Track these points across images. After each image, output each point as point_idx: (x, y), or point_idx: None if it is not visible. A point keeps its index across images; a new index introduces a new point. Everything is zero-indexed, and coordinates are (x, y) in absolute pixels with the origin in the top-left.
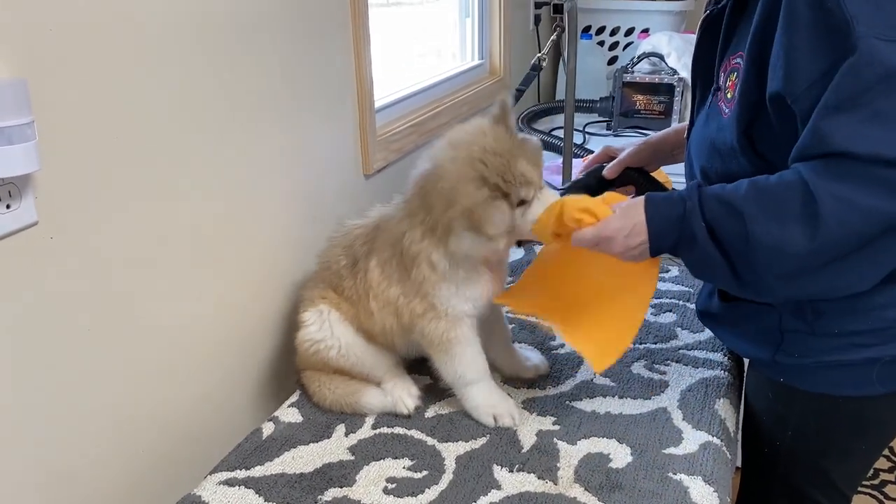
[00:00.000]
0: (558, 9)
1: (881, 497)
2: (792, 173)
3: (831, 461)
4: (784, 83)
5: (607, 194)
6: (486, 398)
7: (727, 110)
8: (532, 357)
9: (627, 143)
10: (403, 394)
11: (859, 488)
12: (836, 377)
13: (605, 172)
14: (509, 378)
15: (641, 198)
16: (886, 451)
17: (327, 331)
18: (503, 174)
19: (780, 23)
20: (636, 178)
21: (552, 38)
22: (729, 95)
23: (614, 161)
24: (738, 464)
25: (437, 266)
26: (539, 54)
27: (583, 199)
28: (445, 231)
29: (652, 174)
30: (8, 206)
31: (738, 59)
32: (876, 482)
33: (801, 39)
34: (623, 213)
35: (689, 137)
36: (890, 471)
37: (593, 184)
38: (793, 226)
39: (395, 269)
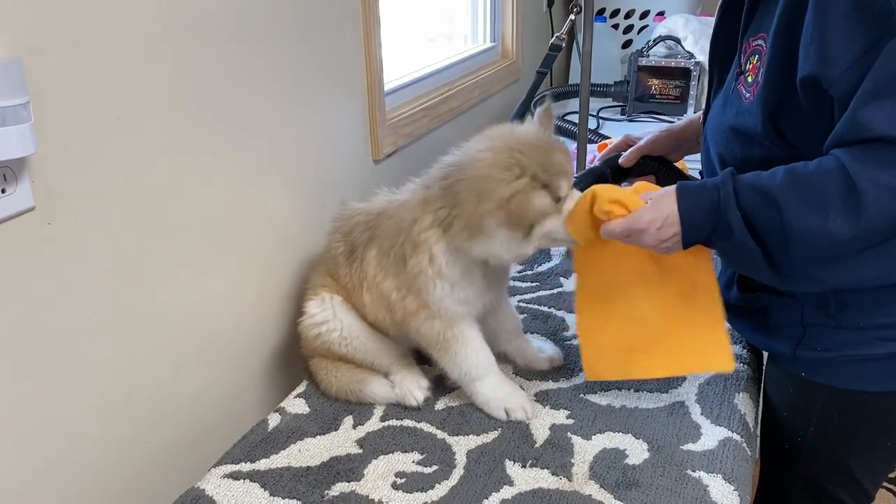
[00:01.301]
0: None
1: None
2: (831, 160)
3: (854, 457)
4: (818, 66)
5: (638, 184)
6: (496, 392)
7: (748, 94)
8: (546, 348)
9: (647, 132)
10: (412, 385)
11: None
12: (860, 372)
13: (621, 161)
14: (522, 370)
15: (673, 187)
16: None
17: (329, 313)
18: (543, 164)
19: (811, 3)
20: (655, 167)
21: (570, 17)
22: (750, 79)
23: (632, 149)
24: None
25: (434, 260)
26: (558, 33)
27: (613, 189)
28: (475, 229)
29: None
30: (3, 191)
31: (760, 41)
32: (892, 475)
33: (837, 21)
34: (655, 204)
35: (705, 123)
36: None
37: (608, 172)
38: (834, 215)
39: (392, 261)
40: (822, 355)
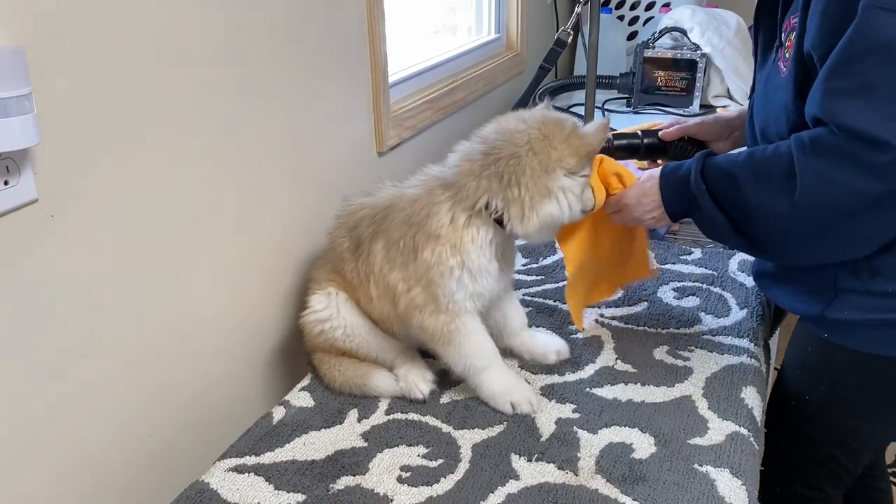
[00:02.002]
0: None
1: None
2: (785, 145)
3: (858, 420)
4: (812, 43)
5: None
6: (501, 384)
7: (785, 69)
8: (552, 342)
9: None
10: (418, 378)
11: None
12: (885, 337)
13: (661, 134)
14: (528, 363)
15: (659, 168)
16: None
17: (333, 310)
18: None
19: None
20: (691, 150)
21: (576, 10)
22: (787, 55)
23: (676, 126)
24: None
25: (465, 252)
26: (563, 27)
27: (616, 164)
28: (541, 191)
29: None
30: (6, 182)
31: (796, 19)
32: (893, 470)
33: (831, 2)
34: (640, 184)
35: (751, 98)
36: None
37: (641, 145)
38: (777, 193)
39: (400, 252)
40: (850, 317)
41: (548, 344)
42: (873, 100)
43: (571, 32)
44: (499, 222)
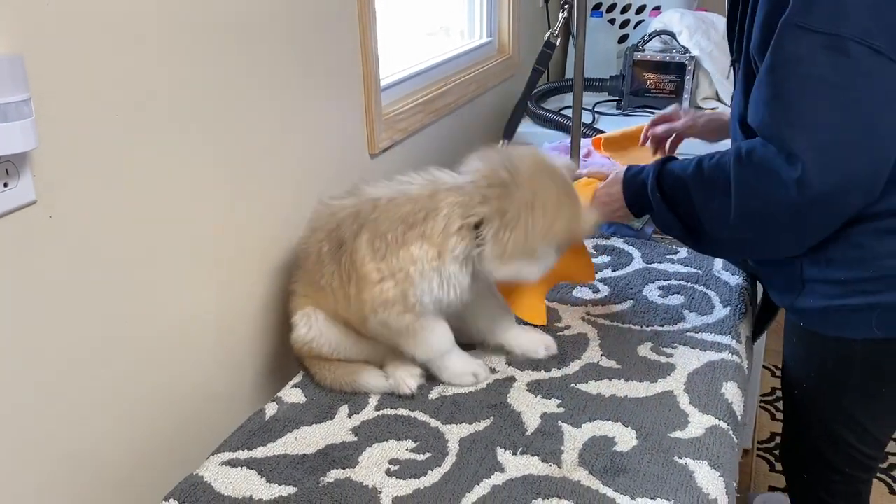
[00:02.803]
0: None
1: (890, 481)
2: (727, 154)
3: (853, 402)
4: (754, 48)
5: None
6: (462, 364)
7: (739, 75)
8: (541, 338)
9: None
10: (405, 375)
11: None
12: (843, 321)
13: (650, 133)
14: (515, 360)
15: (623, 170)
16: None
17: (316, 331)
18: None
19: None
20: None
21: (562, 15)
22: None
23: (663, 127)
24: (745, 446)
25: (444, 256)
26: (551, 30)
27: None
28: (521, 252)
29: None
30: (5, 185)
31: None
32: (885, 465)
33: (766, 13)
34: (608, 184)
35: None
36: None
37: None
38: (719, 201)
39: (384, 243)
40: (816, 305)
41: (537, 340)
42: (785, 111)
43: (559, 35)
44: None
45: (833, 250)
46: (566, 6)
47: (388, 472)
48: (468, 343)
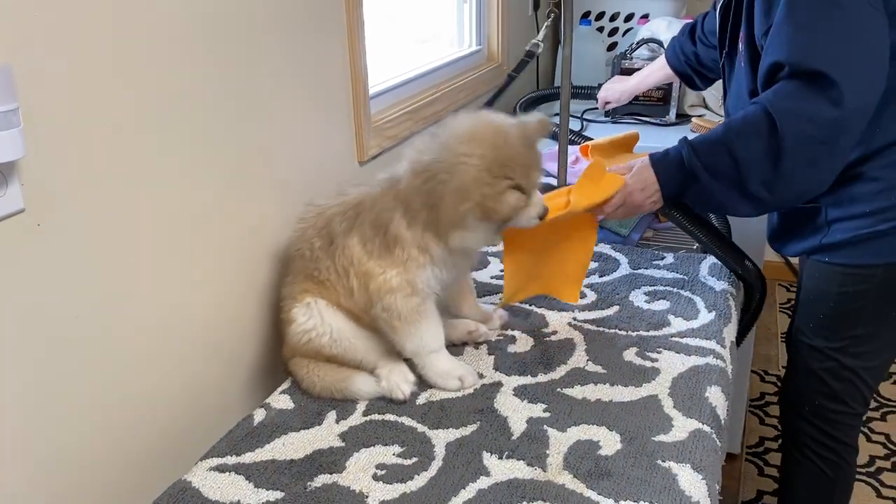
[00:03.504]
0: None
1: (877, 484)
2: (751, 107)
3: (865, 328)
4: (758, 28)
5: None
6: (449, 364)
7: (743, 64)
8: (492, 308)
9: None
10: (399, 380)
11: (857, 477)
12: (869, 249)
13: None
14: (502, 365)
15: (647, 158)
16: (883, 439)
17: (317, 318)
18: (526, 174)
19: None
20: None
21: (546, 23)
22: (743, 53)
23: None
24: (729, 450)
25: (430, 251)
26: (534, 40)
27: (592, 189)
28: (453, 225)
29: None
30: None
31: (743, 31)
32: (872, 469)
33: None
34: (636, 173)
35: (725, 103)
36: (886, 458)
37: None
38: (763, 142)
39: (376, 247)
40: (841, 238)
41: (493, 311)
42: (811, 43)
43: (542, 44)
44: None
45: (855, 189)
46: (552, 14)
47: (375, 477)
48: (451, 344)
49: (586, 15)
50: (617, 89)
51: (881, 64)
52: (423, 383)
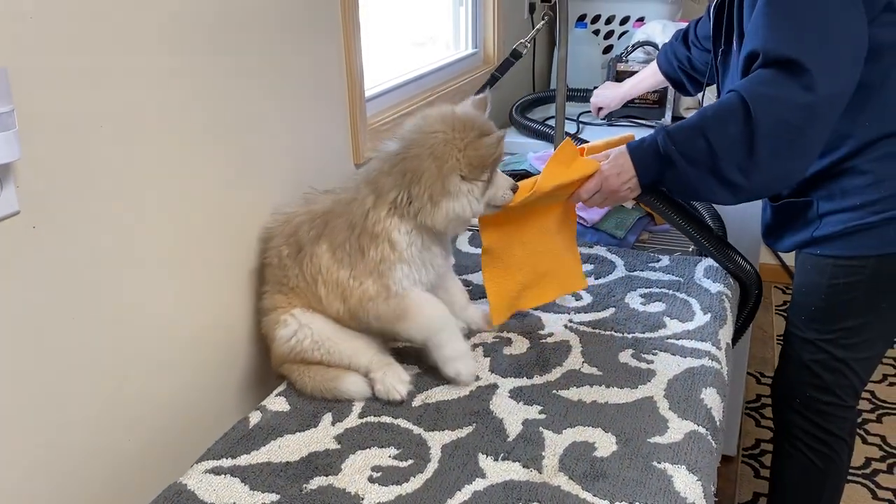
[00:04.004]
0: None
1: (873, 486)
2: (727, 95)
3: (858, 320)
4: (748, 22)
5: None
6: (454, 350)
7: (736, 62)
8: (483, 313)
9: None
10: (395, 381)
11: (851, 478)
12: (861, 241)
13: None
14: (498, 367)
15: (624, 146)
16: (868, 395)
17: (295, 325)
18: (489, 129)
19: None
20: None
21: (538, 25)
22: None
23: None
24: (725, 452)
25: (396, 245)
26: (522, 40)
27: (565, 169)
28: (439, 192)
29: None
30: None
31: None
32: (868, 471)
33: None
34: (613, 160)
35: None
36: (882, 460)
37: None
38: (738, 127)
39: (347, 253)
40: (832, 231)
41: (480, 313)
42: (787, 31)
43: (528, 46)
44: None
45: (845, 182)
46: (545, 17)
47: (371, 479)
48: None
49: (582, 18)
50: (608, 95)
51: (854, 53)
52: (417, 384)
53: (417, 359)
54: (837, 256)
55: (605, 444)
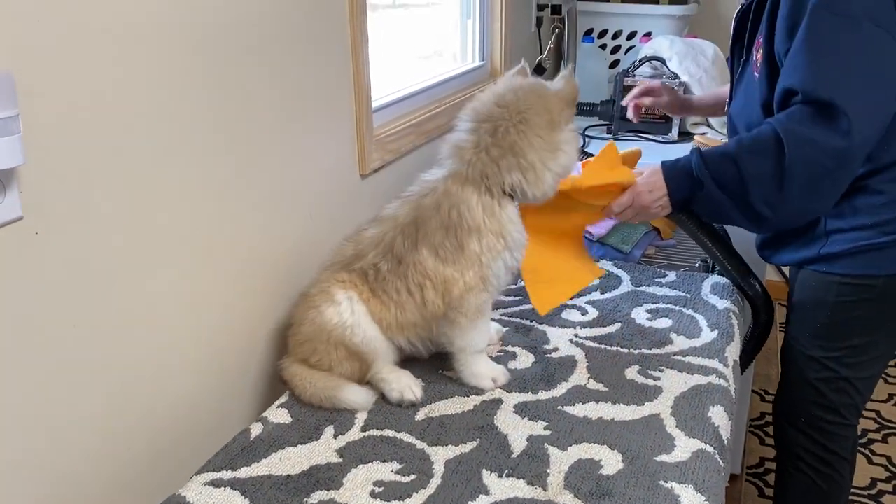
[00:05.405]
0: (557, 10)
1: (868, 454)
2: (765, 126)
3: (860, 337)
4: (779, 44)
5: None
6: (486, 366)
7: (757, 75)
8: (494, 325)
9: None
10: (410, 382)
11: (856, 498)
12: (870, 261)
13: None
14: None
15: (659, 164)
16: (873, 415)
17: (350, 316)
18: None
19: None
20: None
21: (552, 39)
22: (758, 64)
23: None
24: (733, 471)
25: (504, 234)
26: (541, 56)
27: (608, 172)
28: (550, 150)
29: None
30: None
31: (762, 38)
32: (873, 491)
33: (789, 8)
34: (647, 176)
35: (729, 108)
36: (888, 480)
37: None
38: (770, 162)
39: (449, 253)
40: (840, 249)
41: (495, 326)
42: (825, 73)
43: (549, 60)
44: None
45: (857, 200)
46: (556, 29)
47: (373, 494)
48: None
49: (589, 32)
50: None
51: (893, 94)
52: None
53: (422, 373)
54: (845, 275)
55: (611, 461)
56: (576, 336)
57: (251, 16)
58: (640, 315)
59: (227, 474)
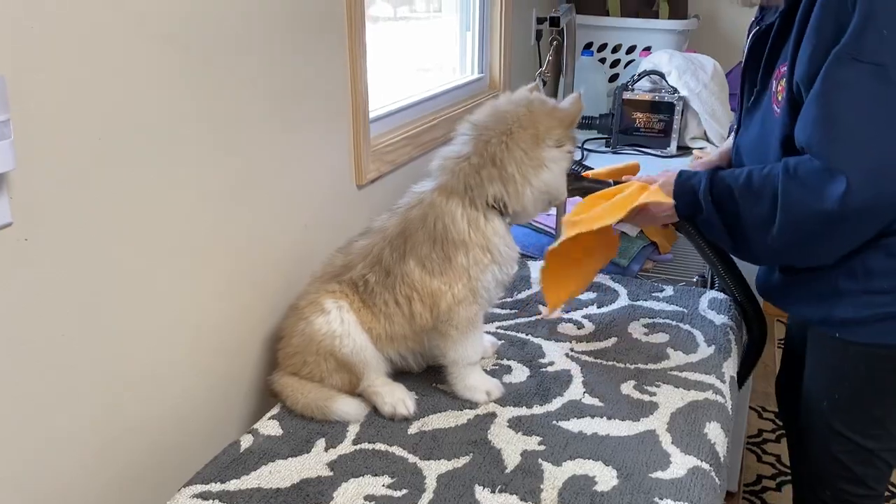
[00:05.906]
0: (555, 22)
1: None
2: (776, 167)
3: (885, 409)
4: (801, 76)
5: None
6: (480, 379)
7: (778, 110)
8: (488, 338)
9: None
10: (403, 395)
11: None
12: (887, 328)
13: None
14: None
15: (675, 173)
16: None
17: (336, 315)
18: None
19: (807, 30)
20: None
21: (550, 52)
22: (780, 98)
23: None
24: (730, 488)
25: (489, 247)
26: (540, 69)
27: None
28: (533, 166)
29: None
30: None
31: (785, 67)
32: None
33: (814, 46)
34: (663, 183)
35: (736, 139)
36: None
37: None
38: (764, 210)
39: (435, 264)
40: (855, 315)
41: (490, 339)
42: (831, 130)
43: (549, 74)
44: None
45: (872, 261)
46: (555, 42)
47: None
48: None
49: (588, 46)
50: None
51: None
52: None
53: (415, 386)
54: (861, 343)
55: (605, 478)
56: (571, 350)
57: (250, 26)
58: (636, 329)
59: (215, 487)
